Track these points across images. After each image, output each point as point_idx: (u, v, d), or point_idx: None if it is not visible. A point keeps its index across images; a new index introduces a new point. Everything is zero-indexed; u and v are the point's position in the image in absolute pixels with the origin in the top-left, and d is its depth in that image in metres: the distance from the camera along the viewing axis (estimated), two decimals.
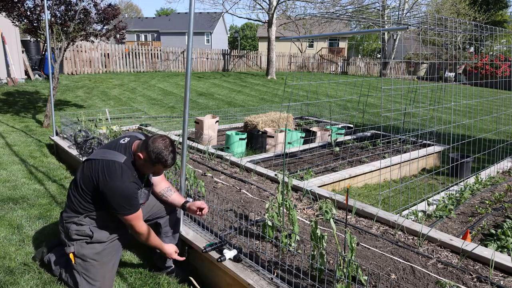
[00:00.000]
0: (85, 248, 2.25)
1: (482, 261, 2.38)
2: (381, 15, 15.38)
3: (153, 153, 2.13)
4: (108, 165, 2.13)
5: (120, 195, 2.10)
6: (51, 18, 6.73)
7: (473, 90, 17.95)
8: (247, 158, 4.73)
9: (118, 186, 2.09)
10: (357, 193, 4.38)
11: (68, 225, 2.25)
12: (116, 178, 2.10)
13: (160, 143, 2.15)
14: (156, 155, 2.13)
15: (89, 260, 2.24)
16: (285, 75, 20.09)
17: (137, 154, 2.19)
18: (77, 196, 2.22)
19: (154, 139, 2.17)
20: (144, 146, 2.17)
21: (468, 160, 5.16)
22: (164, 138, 2.19)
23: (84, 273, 2.24)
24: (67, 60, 14.65)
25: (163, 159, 2.15)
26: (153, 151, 2.13)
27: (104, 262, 2.27)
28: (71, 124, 5.25)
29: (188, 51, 2.34)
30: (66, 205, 2.30)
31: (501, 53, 23.96)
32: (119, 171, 2.12)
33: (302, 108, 9.93)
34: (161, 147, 2.14)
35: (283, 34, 28.15)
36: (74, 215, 2.24)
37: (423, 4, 24.51)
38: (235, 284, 2.25)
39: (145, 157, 2.16)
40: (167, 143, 2.17)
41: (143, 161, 2.18)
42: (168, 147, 2.17)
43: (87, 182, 2.18)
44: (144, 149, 2.17)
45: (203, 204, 2.44)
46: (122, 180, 2.10)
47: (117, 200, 2.10)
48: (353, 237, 1.95)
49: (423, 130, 6.97)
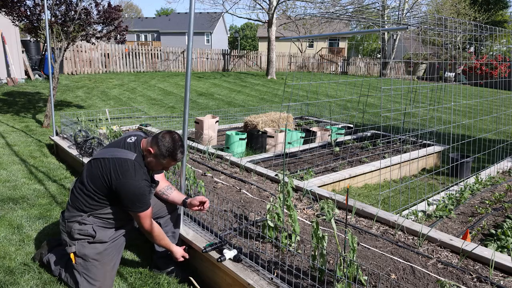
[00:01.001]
0: (87, 248, 2.25)
1: (482, 261, 2.38)
2: (381, 15, 15.38)
3: (164, 147, 2.20)
4: (120, 163, 2.17)
5: (134, 193, 2.14)
6: (51, 18, 6.73)
7: (473, 90, 17.95)
8: (247, 158, 4.73)
9: (131, 184, 2.13)
10: (357, 193, 4.38)
11: (71, 224, 2.26)
12: (129, 176, 2.14)
13: (170, 137, 2.23)
14: (167, 149, 2.20)
15: (91, 260, 2.24)
16: (285, 75, 20.09)
17: (148, 149, 2.23)
18: (83, 195, 2.23)
19: (163, 134, 2.24)
20: (154, 141, 2.22)
21: (468, 160, 5.16)
22: (173, 133, 2.26)
23: (85, 273, 2.24)
24: (67, 60, 14.65)
25: (174, 152, 2.22)
26: (164, 145, 2.20)
27: (105, 262, 2.27)
28: (71, 124, 5.25)
29: (188, 51, 2.35)
30: (69, 204, 2.30)
31: (500, 54, 23.96)
32: (132, 169, 2.16)
33: (302, 108, 9.93)
34: (171, 141, 2.22)
35: (283, 34, 28.15)
36: (78, 214, 2.25)
37: (423, 4, 24.52)
38: (235, 284, 2.25)
39: (156, 151, 2.21)
40: (177, 137, 2.25)
41: (153, 156, 2.23)
42: (178, 141, 2.24)
43: (96, 180, 2.19)
44: (155, 143, 2.22)
45: (204, 198, 2.48)
46: (135, 178, 2.15)
47: (131, 198, 2.14)
48: (354, 238, 1.95)
49: (423, 130, 6.97)
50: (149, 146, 2.23)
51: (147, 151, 2.24)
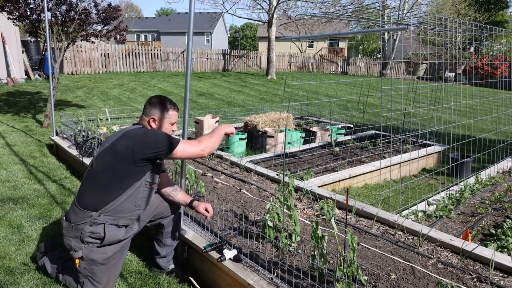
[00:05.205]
0: (95, 253, 2.17)
1: (482, 261, 2.38)
2: (381, 15, 15.38)
3: (161, 101, 2.35)
4: (132, 131, 2.24)
5: (157, 134, 2.21)
6: (52, 18, 6.73)
7: (473, 90, 17.95)
8: (247, 158, 4.73)
9: (151, 131, 2.25)
10: (357, 193, 4.38)
11: (81, 226, 2.15)
12: (145, 130, 2.26)
13: (153, 97, 2.39)
14: (162, 100, 2.36)
15: (98, 264, 2.18)
16: (285, 75, 20.08)
17: (150, 118, 2.33)
18: (94, 189, 2.16)
19: (149, 100, 2.38)
20: (150, 109, 2.34)
21: (468, 160, 5.16)
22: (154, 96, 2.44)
23: (90, 275, 2.19)
24: (67, 60, 14.65)
25: (168, 101, 2.38)
26: (160, 99, 2.36)
27: (111, 265, 2.22)
28: (71, 124, 5.25)
29: (188, 51, 2.34)
30: (76, 207, 2.18)
31: (501, 53, 23.96)
32: (144, 128, 2.29)
33: (302, 108, 9.93)
34: (158, 96, 2.39)
35: (283, 34, 28.15)
36: (88, 214, 2.14)
37: (423, 4, 24.53)
38: (235, 284, 2.25)
39: (159, 111, 2.33)
40: (157, 95, 2.43)
41: (159, 118, 2.33)
42: (161, 95, 2.42)
43: (111, 162, 2.15)
44: (152, 109, 2.33)
45: (210, 206, 2.47)
46: (150, 129, 2.30)
47: (158, 140, 2.17)
48: (354, 237, 1.95)
49: (423, 130, 6.97)
50: (150, 116, 2.33)
51: (151, 120, 2.33)
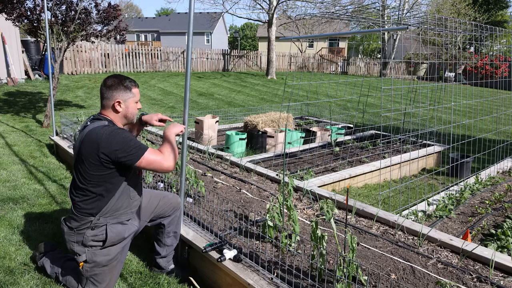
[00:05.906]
0: (98, 255, 2.16)
1: (482, 261, 2.38)
2: (381, 15, 15.38)
3: (120, 80, 2.17)
4: (93, 132, 2.06)
5: (122, 137, 2.05)
6: (52, 18, 6.73)
7: (473, 90, 17.95)
8: (247, 158, 4.73)
9: (115, 132, 2.05)
10: (357, 193, 4.38)
11: (83, 231, 2.14)
12: (107, 129, 2.07)
13: (108, 77, 2.20)
14: (120, 80, 2.17)
15: (101, 266, 2.19)
16: (285, 75, 20.09)
17: (116, 102, 2.16)
18: (86, 199, 2.13)
19: (103, 82, 2.19)
20: (108, 92, 2.16)
21: (468, 160, 5.16)
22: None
23: (92, 276, 2.19)
24: (67, 60, 14.64)
25: (127, 79, 2.21)
26: (118, 79, 2.17)
27: (113, 265, 2.23)
28: (71, 124, 5.25)
29: (188, 51, 2.34)
30: (75, 214, 2.16)
31: (501, 53, 23.96)
32: (107, 127, 2.09)
33: (302, 108, 9.93)
34: (113, 76, 2.21)
35: (283, 34, 28.16)
36: (88, 220, 2.13)
37: (423, 4, 24.53)
38: (235, 284, 2.25)
39: (118, 89, 2.16)
40: (112, 75, 2.24)
41: (123, 101, 2.17)
42: (115, 74, 2.24)
43: (87, 172, 2.08)
44: (110, 91, 2.16)
45: (163, 116, 2.49)
46: (112, 128, 2.09)
47: (121, 145, 2.03)
48: (353, 237, 1.95)
49: (423, 130, 6.97)
50: (113, 100, 2.16)
51: (116, 103, 2.16)
